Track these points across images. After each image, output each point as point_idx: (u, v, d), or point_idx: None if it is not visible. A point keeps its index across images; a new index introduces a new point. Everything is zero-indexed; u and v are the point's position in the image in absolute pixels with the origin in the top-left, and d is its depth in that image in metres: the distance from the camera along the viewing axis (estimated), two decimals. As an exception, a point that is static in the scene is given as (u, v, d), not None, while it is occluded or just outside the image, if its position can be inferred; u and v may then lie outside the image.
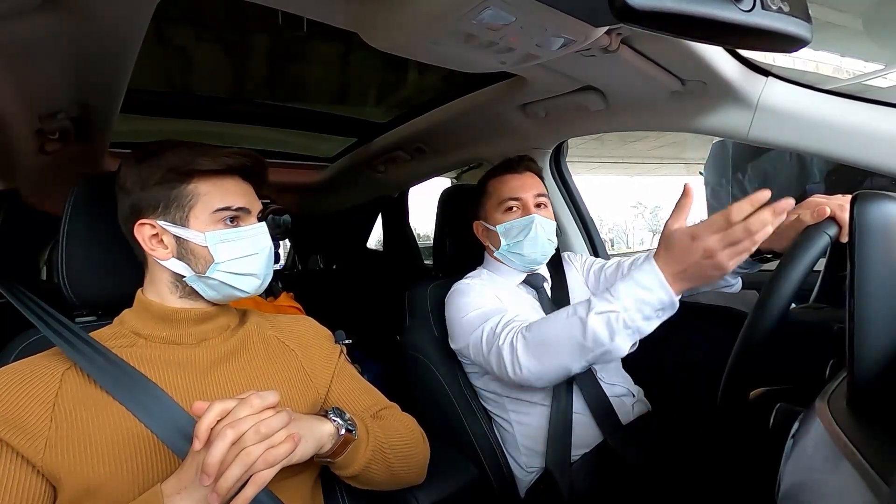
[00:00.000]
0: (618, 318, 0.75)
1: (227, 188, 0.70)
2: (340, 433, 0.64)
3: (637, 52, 0.84)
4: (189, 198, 0.68)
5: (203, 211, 0.68)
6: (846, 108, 0.87)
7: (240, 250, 0.70)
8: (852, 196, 0.43)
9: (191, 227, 0.68)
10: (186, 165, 0.67)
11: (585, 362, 0.82)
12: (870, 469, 0.32)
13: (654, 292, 0.74)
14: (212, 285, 0.70)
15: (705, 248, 0.68)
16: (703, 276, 0.71)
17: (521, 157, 1.17)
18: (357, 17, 0.72)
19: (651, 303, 0.74)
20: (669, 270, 0.73)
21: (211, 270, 0.68)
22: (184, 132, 1.73)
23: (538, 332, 0.85)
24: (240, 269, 0.70)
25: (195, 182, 0.68)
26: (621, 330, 0.76)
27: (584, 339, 0.78)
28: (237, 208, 0.70)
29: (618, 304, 0.75)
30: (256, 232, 0.72)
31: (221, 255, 0.68)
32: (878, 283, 0.40)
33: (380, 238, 2.74)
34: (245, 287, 0.71)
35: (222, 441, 0.51)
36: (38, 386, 0.60)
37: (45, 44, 0.72)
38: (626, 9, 0.43)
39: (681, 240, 0.70)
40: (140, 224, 0.68)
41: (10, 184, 1.40)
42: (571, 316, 0.80)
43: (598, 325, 0.77)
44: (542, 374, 0.86)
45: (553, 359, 0.83)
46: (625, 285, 0.76)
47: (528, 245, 1.08)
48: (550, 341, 0.83)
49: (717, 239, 0.67)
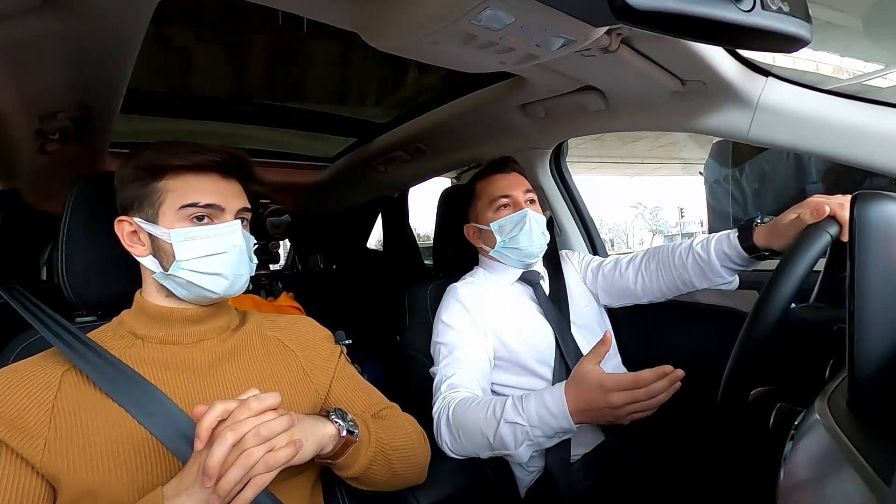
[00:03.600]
0: (524, 432, 0.82)
1: (199, 186, 0.68)
2: (342, 434, 0.64)
3: (637, 52, 0.84)
4: (158, 194, 0.67)
5: (170, 208, 0.67)
6: (846, 108, 0.87)
7: (205, 248, 0.67)
8: (852, 196, 0.43)
9: (160, 224, 0.67)
10: (156, 162, 0.67)
11: (492, 454, 0.88)
12: (870, 469, 0.32)
13: (557, 419, 0.80)
14: (180, 283, 0.68)
15: (610, 401, 0.75)
16: (603, 419, 0.79)
17: (505, 159, 1.20)
18: (357, 17, 0.72)
19: (553, 426, 0.81)
20: (574, 405, 0.79)
21: (174, 268, 0.67)
22: (184, 132, 1.73)
23: (461, 416, 0.90)
24: (204, 268, 0.67)
25: (166, 179, 0.68)
26: (524, 442, 0.83)
27: (493, 441, 0.85)
28: (205, 205, 0.68)
29: (524, 419, 0.82)
30: (226, 230, 0.69)
31: (184, 253, 0.67)
32: (878, 283, 0.40)
33: (380, 238, 2.74)
34: (212, 287, 0.68)
35: (223, 443, 0.51)
36: (37, 387, 0.60)
37: (45, 44, 0.72)
38: (626, 9, 0.43)
39: (591, 385, 0.77)
40: (118, 221, 0.69)
41: (10, 184, 1.40)
42: (490, 416, 0.86)
43: (507, 433, 0.83)
44: (457, 451, 0.92)
45: (467, 444, 0.89)
46: (535, 405, 0.83)
47: (523, 239, 1.09)
48: (468, 430, 0.88)
49: (622, 396, 0.74)
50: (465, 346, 1.03)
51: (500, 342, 1.07)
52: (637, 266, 1.12)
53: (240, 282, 0.71)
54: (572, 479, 0.97)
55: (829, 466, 0.38)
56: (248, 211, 0.73)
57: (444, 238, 1.29)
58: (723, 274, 0.97)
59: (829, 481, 0.38)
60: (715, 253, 0.96)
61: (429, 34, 0.67)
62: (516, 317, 1.11)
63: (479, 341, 1.05)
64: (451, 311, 1.10)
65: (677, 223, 17.22)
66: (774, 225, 0.86)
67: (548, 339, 1.08)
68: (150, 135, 1.66)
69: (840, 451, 0.36)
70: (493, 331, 1.08)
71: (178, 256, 0.67)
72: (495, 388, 1.10)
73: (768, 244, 0.88)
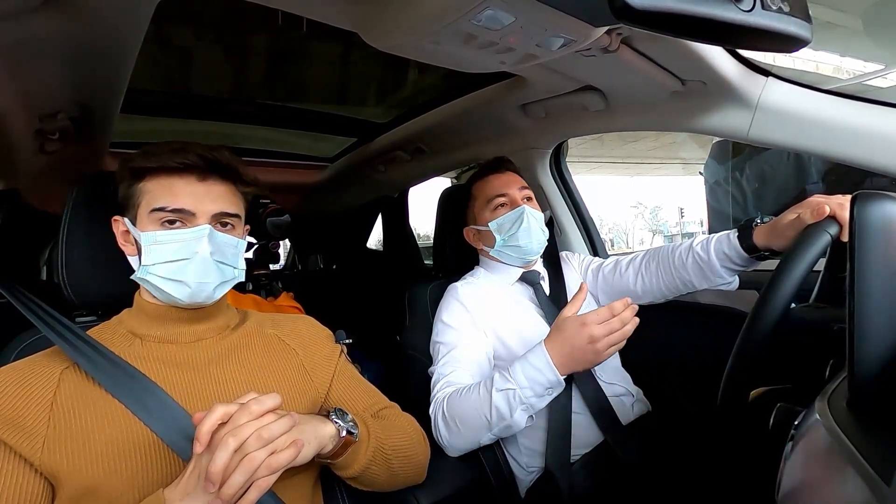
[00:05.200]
0: (514, 395, 0.85)
1: (173, 189, 0.66)
2: (342, 435, 0.64)
3: (637, 52, 0.84)
4: (137, 196, 0.67)
5: (144, 210, 0.67)
6: (846, 108, 0.87)
7: (168, 254, 0.65)
8: (852, 196, 0.43)
9: (137, 227, 0.67)
10: (138, 164, 0.67)
11: (492, 435, 0.90)
12: (870, 469, 0.32)
13: (543, 373, 0.84)
14: (150, 287, 0.67)
15: (591, 334, 0.80)
16: (584, 360, 0.83)
17: (499, 159, 1.20)
18: (357, 17, 0.72)
19: (541, 382, 0.84)
20: (556, 353, 0.84)
21: (142, 272, 0.66)
22: (184, 132, 1.73)
23: (456, 406, 0.92)
24: (167, 274, 0.65)
25: (145, 181, 0.67)
26: (518, 406, 0.85)
27: (490, 415, 0.87)
28: (173, 209, 0.65)
29: (513, 383, 0.85)
30: (191, 237, 0.66)
31: (150, 258, 0.65)
32: (878, 283, 0.40)
33: (380, 238, 2.74)
34: (175, 294, 0.66)
35: (225, 449, 0.51)
36: (36, 385, 0.60)
37: (45, 44, 0.72)
38: (626, 9, 0.43)
39: (572, 324, 0.82)
40: (113, 220, 0.71)
41: (10, 184, 1.40)
42: (483, 392, 0.88)
43: (500, 401, 0.85)
44: (455, 445, 0.93)
45: (466, 431, 0.91)
46: (519, 365, 0.86)
47: (522, 236, 1.09)
48: (465, 416, 0.90)
49: (601, 328, 0.80)
50: (465, 346, 1.03)
51: (500, 342, 1.07)
52: (637, 267, 1.12)
53: (205, 290, 0.67)
54: (572, 479, 0.97)
55: (829, 466, 0.38)
56: (230, 216, 0.70)
57: (444, 238, 1.29)
58: (723, 274, 0.97)
59: (829, 481, 0.38)
60: (715, 253, 0.96)
61: (429, 34, 0.67)
62: (516, 317, 1.11)
63: (479, 341, 1.05)
64: (451, 310, 1.10)
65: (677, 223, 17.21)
66: (774, 225, 0.86)
67: (547, 340, 1.08)
68: (150, 135, 1.66)
69: (840, 451, 0.36)
70: (493, 331, 1.08)
71: (143, 261, 0.66)
72: None
73: (768, 244, 0.88)
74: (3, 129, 1.00)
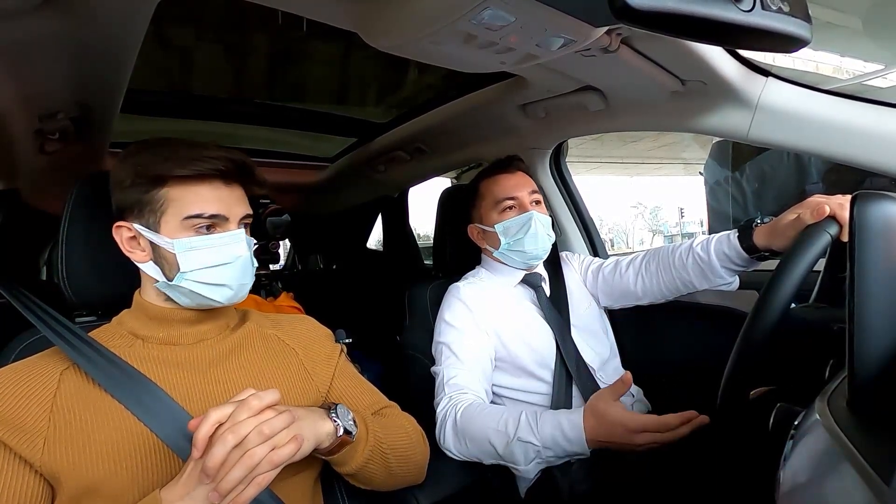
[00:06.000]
0: (536, 451, 0.84)
1: (202, 194, 0.66)
2: (339, 434, 0.64)
3: (637, 52, 0.84)
4: (161, 202, 0.65)
5: (174, 217, 0.65)
6: (846, 108, 0.87)
7: (210, 259, 0.66)
8: (852, 196, 0.43)
9: (161, 233, 0.65)
10: (156, 171, 0.64)
11: (495, 463, 0.89)
12: (870, 469, 0.32)
13: (572, 445, 0.82)
14: (183, 293, 0.67)
15: (633, 441, 0.77)
16: (620, 450, 0.80)
17: (510, 158, 1.18)
18: (357, 17, 0.72)
19: (567, 450, 0.83)
20: (592, 436, 0.81)
21: (178, 279, 0.66)
22: (184, 132, 1.73)
23: (469, 422, 0.91)
24: (209, 279, 0.66)
25: (168, 186, 0.65)
26: (534, 459, 0.84)
27: (503, 453, 0.86)
28: (209, 216, 0.66)
29: (539, 440, 0.83)
30: (230, 240, 0.67)
31: (189, 264, 0.65)
32: (878, 283, 0.40)
33: (380, 238, 2.74)
34: (216, 297, 0.67)
35: (222, 445, 0.51)
36: (36, 386, 0.60)
37: (45, 44, 0.72)
38: (626, 9, 0.43)
39: (613, 423, 0.79)
40: (117, 226, 0.68)
41: (10, 184, 1.40)
42: (501, 430, 0.86)
43: (518, 451, 0.84)
44: (460, 454, 0.93)
45: (472, 449, 0.90)
46: (551, 428, 0.83)
47: (528, 242, 1.08)
48: (476, 438, 0.89)
49: (646, 437, 0.77)
50: (468, 346, 1.03)
51: (501, 343, 1.07)
52: (637, 267, 1.12)
53: (243, 291, 0.70)
54: (572, 479, 0.97)
55: (829, 466, 0.38)
56: (250, 217, 0.72)
57: (445, 238, 1.29)
58: (723, 274, 0.97)
59: (829, 481, 0.38)
60: (715, 253, 0.96)
61: (429, 34, 0.67)
62: (517, 319, 1.11)
63: (481, 341, 1.05)
64: (453, 310, 1.09)
65: (677, 223, 17.22)
66: (774, 225, 0.86)
67: (548, 342, 1.08)
68: (149, 135, 1.64)
69: (840, 451, 0.36)
70: (495, 331, 1.07)
71: (182, 267, 0.65)
72: (495, 390, 1.10)
73: (768, 244, 0.88)
74: (3, 129, 1.00)
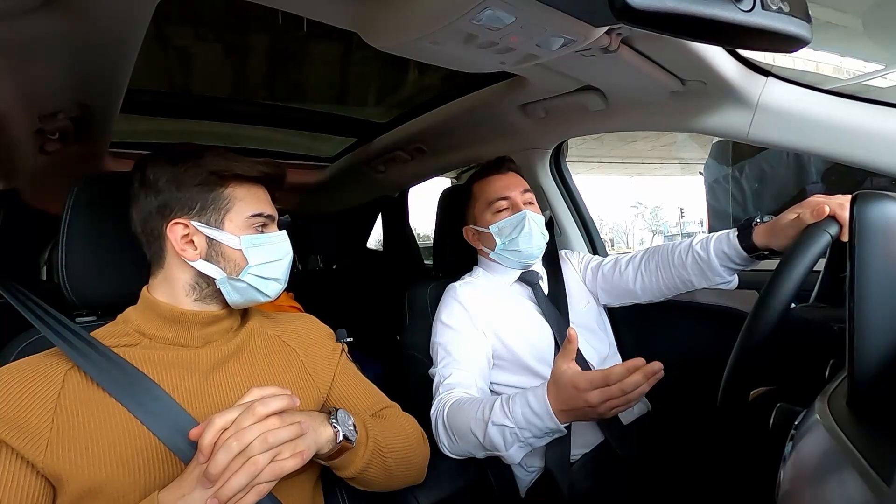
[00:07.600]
0: (512, 433, 0.81)
1: (258, 196, 0.74)
2: (338, 440, 0.64)
3: (637, 52, 0.84)
4: (226, 201, 0.70)
5: (238, 215, 0.71)
6: (846, 108, 0.87)
7: (268, 255, 0.72)
8: (852, 196, 0.43)
9: (225, 230, 0.70)
10: (227, 170, 0.70)
11: (486, 454, 0.88)
12: (870, 469, 0.32)
13: (542, 420, 0.79)
14: (239, 288, 0.71)
15: (586, 399, 0.73)
16: (587, 416, 0.78)
17: (501, 159, 1.19)
18: (357, 17, 0.72)
19: (541, 427, 0.80)
20: (557, 406, 0.78)
21: (243, 273, 0.70)
22: (184, 132, 1.73)
23: (454, 417, 0.90)
24: (267, 274, 0.72)
25: (232, 187, 0.71)
26: (515, 443, 0.82)
27: (483, 442, 0.84)
28: (267, 215, 0.73)
29: (512, 421, 0.81)
30: (281, 239, 0.75)
31: (254, 259, 0.70)
32: (878, 283, 0.40)
33: (380, 238, 2.74)
34: (269, 291, 0.73)
35: (226, 452, 0.51)
36: (40, 386, 0.60)
37: (45, 44, 0.72)
38: (626, 9, 0.43)
39: (566, 386, 0.76)
40: (174, 223, 0.69)
41: (10, 184, 1.40)
42: (479, 417, 0.85)
43: (495, 435, 0.82)
44: (454, 452, 0.92)
45: (462, 444, 0.90)
46: (519, 405, 0.81)
47: (523, 241, 1.09)
48: (461, 430, 0.88)
49: (596, 395, 0.72)
50: (464, 347, 1.03)
51: (500, 342, 1.07)
52: (637, 265, 1.12)
53: (284, 286, 0.76)
54: (572, 479, 0.97)
55: (829, 466, 0.38)
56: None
57: (444, 238, 1.29)
58: (722, 273, 0.97)
59: (829, 481, 0.38)
60: (714, 252, 0.96)
61: (429, 34, 0.67)
62: (515, 316, 1.11)
63: (478, 341, 1.05)
64: (450, 311, 1.09)
65: (677, 223, 17.23)
66: (774, 225, 0.86)
67: (547, 339, 1.08)
68: (150, 135, 1.66)
69: (840, 451, 0.36)
70: (493, 330, 1.08)
71: (250, 261, 0.70)
72: (495, 388, 1.10)
73: (768, 244, 0.88)
74: (3, 129, 1.00)
